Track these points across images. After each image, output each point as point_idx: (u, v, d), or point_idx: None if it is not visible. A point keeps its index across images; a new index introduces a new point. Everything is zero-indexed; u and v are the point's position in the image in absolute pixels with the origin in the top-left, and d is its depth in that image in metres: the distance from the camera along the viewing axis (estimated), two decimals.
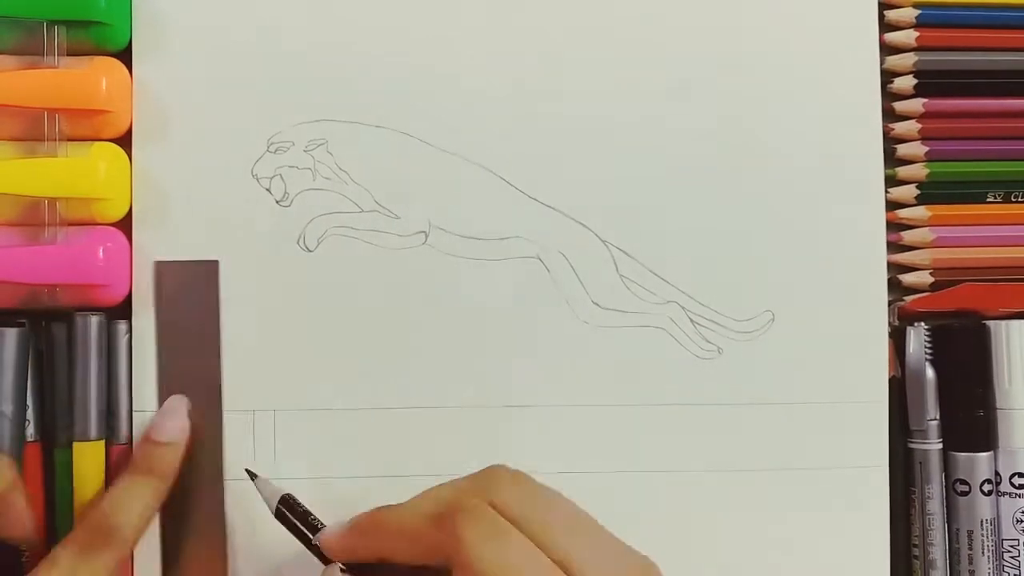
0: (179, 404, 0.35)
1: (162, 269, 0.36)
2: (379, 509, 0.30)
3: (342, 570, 0.30)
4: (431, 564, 0.28)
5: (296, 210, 0.37)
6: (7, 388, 0.34)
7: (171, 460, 0.34)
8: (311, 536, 0.32)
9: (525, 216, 0.37)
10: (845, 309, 0.39)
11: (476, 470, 0.30)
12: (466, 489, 0.28)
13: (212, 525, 0.36)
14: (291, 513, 0.33)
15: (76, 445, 0.35)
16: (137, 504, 0.33)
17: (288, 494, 0.33)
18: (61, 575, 0.31)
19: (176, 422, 0.35)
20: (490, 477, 0.28)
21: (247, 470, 0.35)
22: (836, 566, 0.38)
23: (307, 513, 0.33)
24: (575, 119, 0.38)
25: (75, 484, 0.35)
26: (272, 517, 0.33)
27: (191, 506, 0.36)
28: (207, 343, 0.36)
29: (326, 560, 0.31)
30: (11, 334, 0.34)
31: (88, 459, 0.35)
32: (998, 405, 0.39)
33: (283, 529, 0.33)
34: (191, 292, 0.36)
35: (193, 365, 0.36)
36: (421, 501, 0.29)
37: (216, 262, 0.36)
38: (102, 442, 0.35)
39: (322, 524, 0.32)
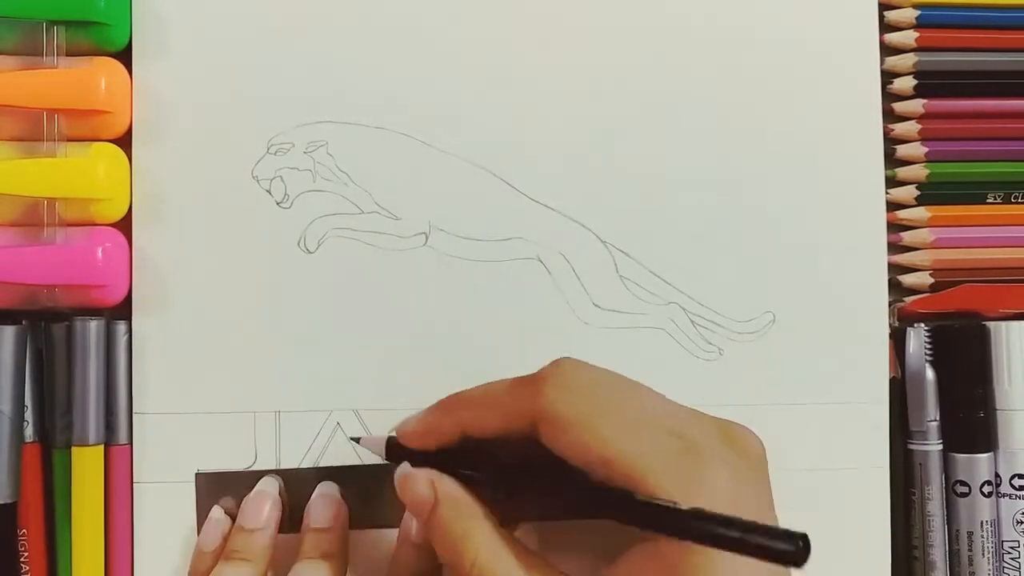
0: (270, 486, 0.35)
1: None
2: (459, 391, 0.31)
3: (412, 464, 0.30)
4: (512, 429, 0.29)
5: (296, 212, 0.36)
6: (5, 386, 0.34)
7: (263, 544, 0.33)
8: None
9: (525, 217, 0.37)
10: (845, 310, 0.39)
11: None
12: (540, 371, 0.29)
13: None
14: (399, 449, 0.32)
15: (75, 450, 0.35)
16: None
17: (393, 436, 0.32)
18: None
19: (266, 506, 0.34)
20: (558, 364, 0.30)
21: (351, 438, 0.35)
22: (836, 566, 0.38)
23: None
24: (575, 120, 0.38)
25: (74, 487, 0.35)
26: None
27: None
28: None
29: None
30: (9, 331, 0.34)
31: (87, 464, 0.35)
32: (998, 406, 0.39)
33: None
34: None
35: None
36: (497, 381, 0.30)
37: None
38: (101, 447, 0.35)
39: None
